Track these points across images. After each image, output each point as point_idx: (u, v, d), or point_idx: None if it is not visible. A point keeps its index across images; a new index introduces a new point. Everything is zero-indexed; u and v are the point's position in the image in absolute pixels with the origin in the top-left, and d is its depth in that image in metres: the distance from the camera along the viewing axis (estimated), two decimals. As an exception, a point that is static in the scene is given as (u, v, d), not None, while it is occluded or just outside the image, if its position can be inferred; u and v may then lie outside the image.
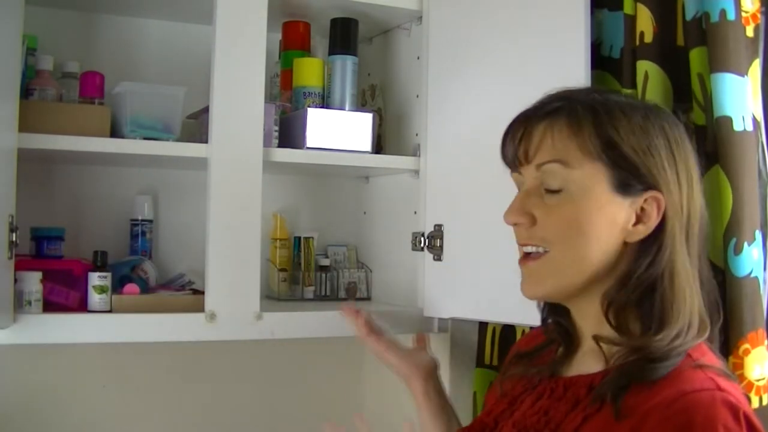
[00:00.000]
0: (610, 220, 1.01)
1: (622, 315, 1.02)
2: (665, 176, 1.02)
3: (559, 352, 1.13)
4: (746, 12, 1.37)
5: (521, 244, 1.06)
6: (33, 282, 1.55)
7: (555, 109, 1.04)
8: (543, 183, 1.04)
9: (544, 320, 1.16)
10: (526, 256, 1.06)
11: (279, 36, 1.96)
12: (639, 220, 1.02)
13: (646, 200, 1.01)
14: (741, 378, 1.28)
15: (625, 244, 1.02)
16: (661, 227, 1.01)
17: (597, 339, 1.02)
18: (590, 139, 1.01)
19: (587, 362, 1.05)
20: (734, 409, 0.90)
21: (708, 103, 1.36)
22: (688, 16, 1.42)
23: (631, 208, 1.01)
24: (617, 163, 1.01)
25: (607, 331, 1.02)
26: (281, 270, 1.98)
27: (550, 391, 1.07)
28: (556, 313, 1.13)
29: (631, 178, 1.01)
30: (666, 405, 0.91)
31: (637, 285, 1.00)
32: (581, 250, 1.01)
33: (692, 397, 0.91)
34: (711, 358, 0.99)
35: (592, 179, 1.01)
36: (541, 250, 1.04)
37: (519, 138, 1.06)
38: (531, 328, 1.36)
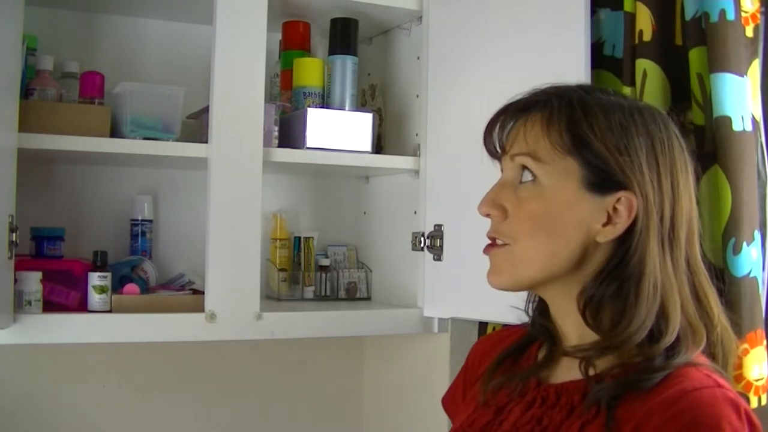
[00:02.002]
0: (579, 217, 1.00)
1: (599, 315, 1.00)
2: (641, 178, 0.99)
3: (541, 355, 1.10)
4: (746, 12, 1.37)
5: (489, 236, 1.06)
6: (33, 282, 1.55)
7: (533, 102, 1.04)
8: (519, 177, 1.04)
9: (532, 320, 1.14)
10: (490, 245, 1.06)
11: (279, 36, 1.96)
12: (609, 220, 1.00)
13: (618, 200, 0.99)
14: (740, 378, 1.28)
15: (596, 243, 1.00)
16: (631, 229, 0.99)
17: (583, 356, 1.00)
18: (561, 135, 1.00)
19: (575, 367, 1.02)
20: (736, 406, 0.90)
21: (707, 102, 1.37)
22: (688, 16, 1.42)
23: (601, 207, 0.99)
24: (589, 160, 0.99)
25: (585, 335, 1.01)
26: (281, 270, 1.98)
27: (542, 399, 1.04)
28: (540, 314, 1.12)
29: (603, 176, 0.99)
30: (668, 405, 0.90)
31: (608, 284, 0.99)
32: (544, 245, 1.01)
33: (694, 395, 0.91)
34: (700, 356, 0.99)
35: (562, 175, 1.00)
36: (502, 239, 1.04)
37: (496, 129, 1.07)
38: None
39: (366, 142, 1.84)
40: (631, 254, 0.98)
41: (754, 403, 1.29)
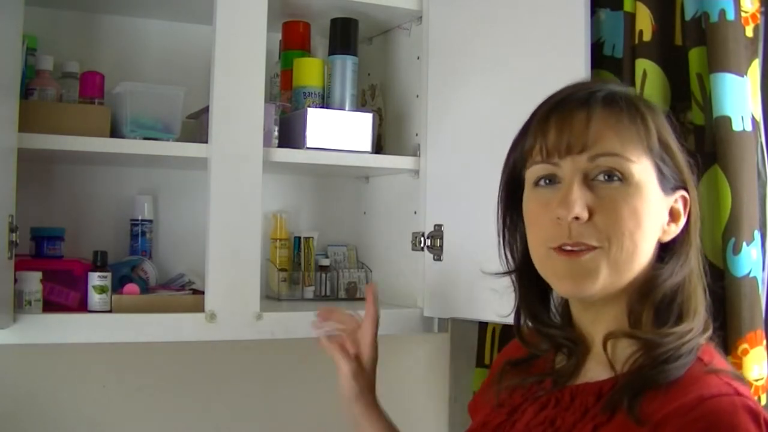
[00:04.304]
0: (656, 217, 1.00)
1: (643, 317, 0.99)
2: (689, 175, 1.03)
3: (559, 360, 1.08)
4: (746, 12, 1.37)
5: (573, 242, 0.97)
6: (33, 282, 1.55)
7: (610, 98, 1.00)
8: (592, 175, 0.98)
9: (548, 334, 1.10)
10: (580, 250, 0.97)
11: (279, 36, 1.96)
12: (672, 219, 1.02)
13: (676, 200, 1.02)
14: (740, 378, 1.29)
15: (658, 242, 1.01)
16: (686, 227, 1.02)
17: (610, 336, 0.99)
18: (649, 135, 0.99)
19: (595, 369, 1.02)
20: (755, 415, 0.88)
21: (707, 103, 1.37)
22: (688, 16, 1.42)
23: (666, 207, 1.01)
24: (663, 160, 1.00)
25: (620, 330, 1.00)
26: (281, 270, 1.98)
27: (555, 400, 1.03)
28: (555, 326, 1.09)
29: (670, 175, 1.01)
30: (685, 411, 0.88)
31: (670, 286, 0.99)
32: (635, 246, 0.98)
33: (712, 402, 0.89)
34: (720, 361, 0.97)
35: (645, 174, 0.99)
36: (594, 244, 0.97)
37: (574, 125, 0.99)
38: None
39: (366, 142, 1.84)
40: (691, 253, 1.01)
41: (753, 403, 1.29)
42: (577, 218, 0.96)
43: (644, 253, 0.99)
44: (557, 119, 1.00)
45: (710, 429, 0.87)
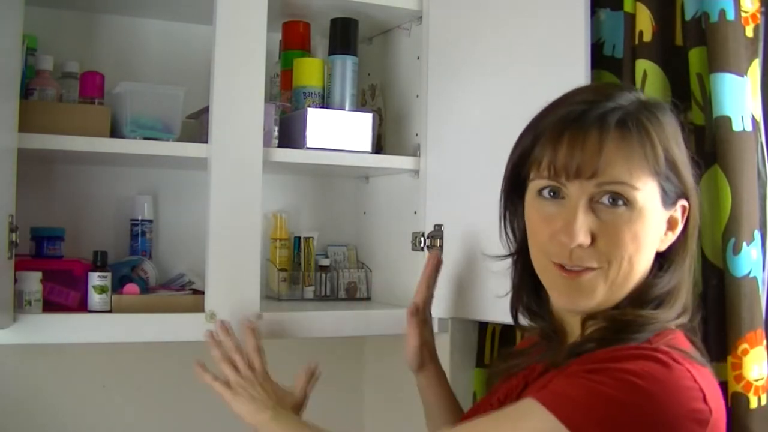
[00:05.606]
0: (656, 233, 1.01)
1: (627, 310, 1.01)
2: (691, 183, 1.02)
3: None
4: (746, 12, 1.37)
5: (574, 264, 0.99)
6: (33, 282, 1.55)
7: (623, 122, 0.98)
8: (597, 198, 0.98)
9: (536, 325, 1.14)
10: (579, 271, 0.99)
11: (279, 36, 1.96)
12: (669, 227, 1.02)
13: (676, 209, 1.02)
14: (739, 378, 1.28)
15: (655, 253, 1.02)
16: (684, 234, 1.03)
17: (589, 318, 1.02)
18: (657, 158, 0.98)
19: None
20: (657, 359, 0.90)
21: (707, 103, 1.37)
22: (688, 16, 1.42)
23: (666, 218, 1.02)
24: (668, 178, 1.00)
25: (600, 313, 1.02)
26: (281, 270, 1.98)
27: (516, 376, 1.09)
28: (540, 317, 1.12)
29: (673, 190, 1.01)
30: (596, 354, 0.93)
31: (660, 293, 1.01)
32: (633, 267, 0.99)
33: (623, 349, 0.93)
34: (681, 341, 0.98)
35: (649, 196, 0.99)
36: (594, 266, 0.99)
37: (586, 149, 0.97)
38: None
39: (366, 142, 1.84)
40: (688, 258, 1.03)
41: (753, 404, 1.29)
42: (581, 245, 0.98)
43: (641, 271, 1.01)
44: (569, 139, 0.98)
45: (607, 358, 0.90)
